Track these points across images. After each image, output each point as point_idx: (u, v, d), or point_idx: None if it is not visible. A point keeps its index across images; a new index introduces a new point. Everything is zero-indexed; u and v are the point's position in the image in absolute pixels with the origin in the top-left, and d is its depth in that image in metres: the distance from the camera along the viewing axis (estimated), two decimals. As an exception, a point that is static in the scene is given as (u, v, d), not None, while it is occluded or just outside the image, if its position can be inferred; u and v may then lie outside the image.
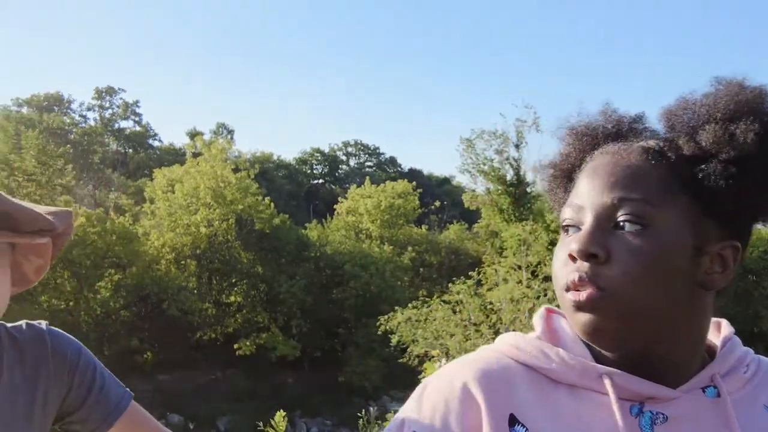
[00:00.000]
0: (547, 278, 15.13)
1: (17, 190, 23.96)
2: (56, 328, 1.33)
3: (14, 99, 61.35)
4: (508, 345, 0.89)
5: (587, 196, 0.84)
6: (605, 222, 0.82)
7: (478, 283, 15.17)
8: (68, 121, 60.63)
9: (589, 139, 0.91)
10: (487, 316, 13.62)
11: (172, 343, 25.70)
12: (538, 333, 0.91)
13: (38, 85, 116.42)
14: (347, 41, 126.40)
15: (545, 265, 16.40)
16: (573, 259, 0.82)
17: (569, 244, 0.83)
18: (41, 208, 1.16)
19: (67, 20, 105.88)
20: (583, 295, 0.80)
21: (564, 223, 0.87)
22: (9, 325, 1.26)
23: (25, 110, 59.61)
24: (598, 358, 0.85)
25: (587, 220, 0.83)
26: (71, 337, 1.35)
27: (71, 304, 24.37)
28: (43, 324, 1.32)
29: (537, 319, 0.94)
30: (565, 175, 0.94)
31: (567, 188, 0.93)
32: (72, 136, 54.74)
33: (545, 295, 14.00)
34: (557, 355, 0.85)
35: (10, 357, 1.22)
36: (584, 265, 0.81)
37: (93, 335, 23.73)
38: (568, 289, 0.82)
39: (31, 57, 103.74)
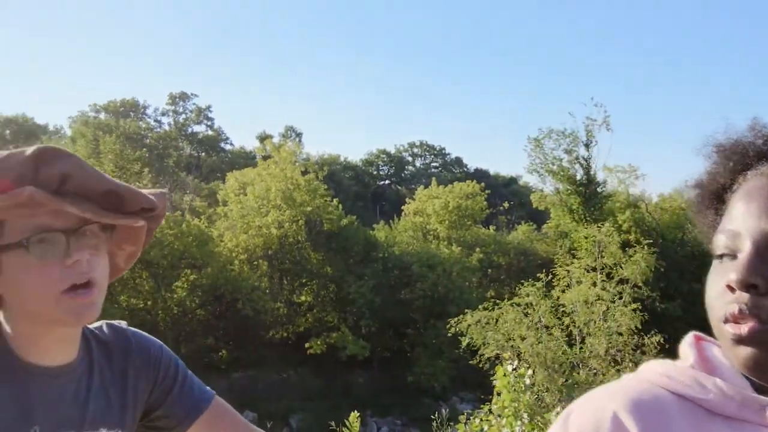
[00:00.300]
0: (623, 281, 14.83)
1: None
2: (135, 329, 1.37)
3: (92, 105, 63.56)
4: (657, 374, 0.85)
5: (743, 221, 0.80)
6: (765, 250, 0.77)
7: (549, 285, 14.97)
8: (144, 126, 62.69)
9: (738, 158, 0.86)
10: (559, 319, 13.43)
11: (245, 342, 26.27)
12: (691, 362, 0.86)
13: (115, 92, 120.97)
14: (412, 41, 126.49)
15: (620, 267, 16.05)
16: (731, 289, 0.78)
17: (726, 273, 0.79)
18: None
19: (140, 30, 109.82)
20: (744, 328, 0.77)
21: (718, 252, 0.83)
22: (91, 326, 1.28)
23: (102, 116, 61.78)
24: (759, 389, 0.80)
25: (745, 248, 0.78)
26: (151, 336, 1.38)
27: (149, 303, 25.24)
28: (123, 324, 1.35)
29: (687, 347, 0.89)
30: (714, 195, 0.90)
31: (718, 210, 0.89)
32: (147, 140, 56.60)
33: (620, 298, 13.71)
34: (715, 386, 0.80)
35: (99, 359, 1.25)
36: (744, 296, 0.77)
37: (170, 334, 24.53)
38: (726, 321, 0.79)
39: (107, 64, 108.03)
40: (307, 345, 26.37)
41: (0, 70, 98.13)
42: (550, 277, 15.09)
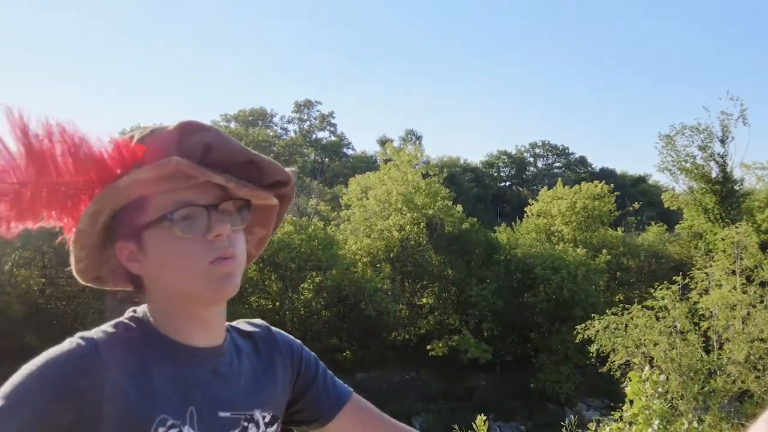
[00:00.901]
0: (764, 283, 13.84)
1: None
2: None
3: (223, 115, 67.06)
4: None
5: None
6: None
7: (684, 288, 14.25)
8: (271, 133, 65.38)
9: None
10: (695, 324, 12.75)
11: (368, 343, 26.72)
12: None
13: (244, 101, 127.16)
14: (530, 41, 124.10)
15: (762, 269, 15.00)
16: None
17: None
18: None
19: (266, 41, 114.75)
20: None
21: None
22: (231, 324, 1.28)
23: (232, 125, 64.90)
24: None
25: None
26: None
27: (277, 304, 26.25)
28: (260, 321, 1.36)
29: None
30: None
31: None
32: (275, 148, 58.97)
33: (761, 302, 12.90)
34: None
35: (246, 347, 1.26)
36: None
37: (297, 334, 25.10)
38: None
39: (238, 75, 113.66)
40: (428, 347, 26.43)
41: (137, 84, 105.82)
42: (686, 280, 14.41)
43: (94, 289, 1.19)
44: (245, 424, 1.17)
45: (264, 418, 1.21)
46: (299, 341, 1.38)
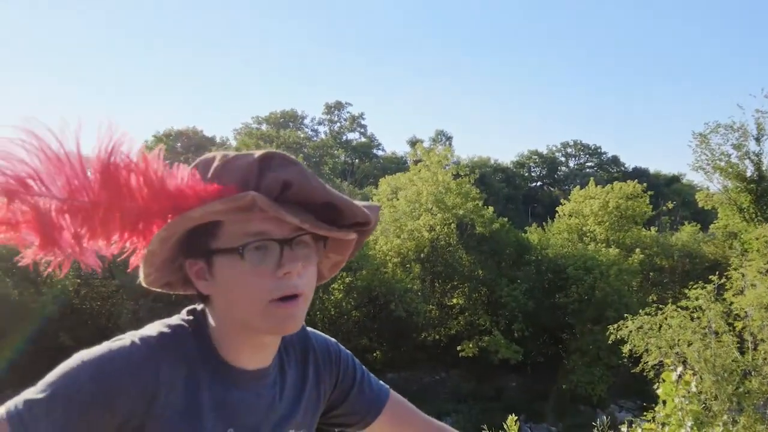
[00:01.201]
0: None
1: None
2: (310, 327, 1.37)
3: (254, 117, 67.59)
4: None
5: None
6: None
7: (719, 288, 14.04)
8: (302, 135, 65.78)
9: None
10: (730, 324, 12.56)
11: (398, 343, 26.74)
12: None
13: (276, 103, 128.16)
14: (559, 40, 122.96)
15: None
16: None
17: None
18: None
19: (296, 44, 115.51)
20: None
21: None
22: None
23: (264, 127, 65.42)
24: None
25: None
26: (326, 335, 1.38)
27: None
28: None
29: None
30: None
31: None
32: (306, 149, 59.32)
33: (798, 302, 12.69)
34: None
35: (288, 359, 1.26)
36: None
37: (328, 334, 25.47)
38: None
39: (269, 79, 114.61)
40: (459, 348, 26.36)
41: (173, 87, 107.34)
42: (721, 280, 14.22)
43: (128, 290, 1.21)
44: None
45: None
46: (335, 342, 1.39)
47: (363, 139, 69.33)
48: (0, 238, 1.03)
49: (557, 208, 36.34)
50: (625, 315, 15.77)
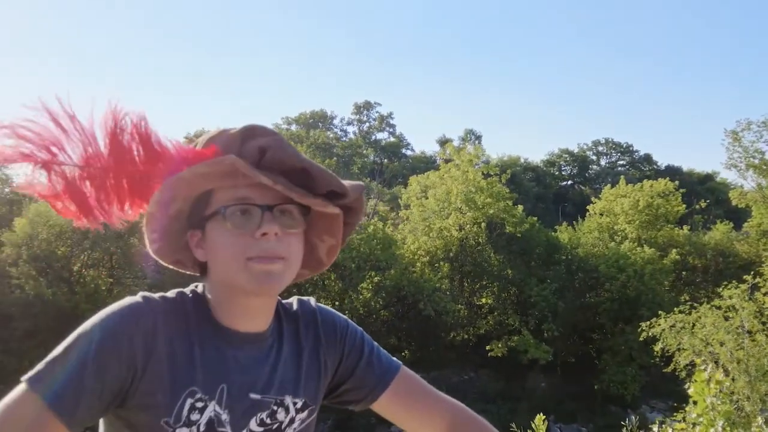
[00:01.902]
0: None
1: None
2: (322, 304, 1.42)
3: (284, 118, 68.08)
4: None
5: None
6: None
7: (753, 288, 13.80)
8: (331, 135, 66.02)
9: None
10: (764, 324, 12.34)
11: (427, 342, 26.67)
12: None
13: (305, 104, 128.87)
14: (590, 38, 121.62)
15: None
16: None
17: None
18: None
19: (326, 44, 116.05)
20: None
21: None
22: (284, 301, 1.37)
23: (293, 128, 65.82)
24: None
25: None
26: (336, 311, 1.43)
27: (337, 303, 26.47)
28: (312, 300, 1.41)
29: None
30: None
31: None
32: (335, 149, 59.52)
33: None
34: None
35: (289, 331, 1.33)
36: None
37: (357, 333, 25.57)
38: None
39: (299, 80, 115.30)
40: (488, 347, 26.19)
41: (201, 89, 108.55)
42: (756, 279, 13.99)
43: (159, 289, 1.30)
44: (275, 407, 1.25)
45: (295, 404, 1.28)
46: (344, 318, 1.43)
47: (392, 139, 69.34)
48: (59, 209, 1.15)
49: (588, 207, 35.96)
50: (659, 312, 15.58)
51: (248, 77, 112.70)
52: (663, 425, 6.86)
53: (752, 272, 14.61)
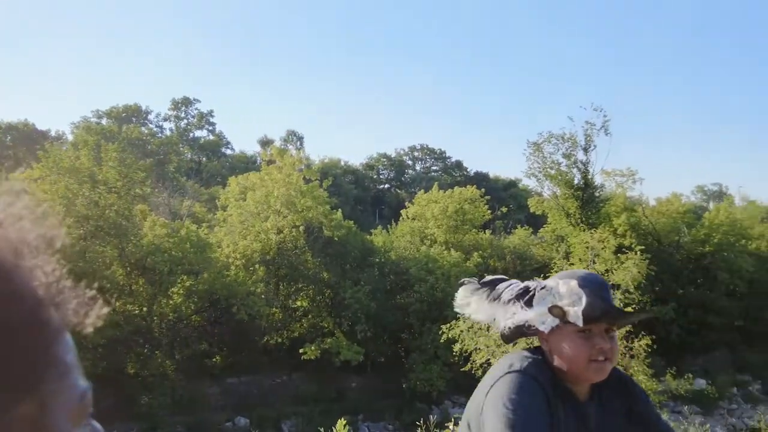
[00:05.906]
0: (614, 286, 14.77)
1: (100, 202, 24.62)
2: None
3: (94, 111, 63.80)
4: None
5: None
6: None
7: (541, 290, 14.91)
8: (146, 131, 62.80)
9: None
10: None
11: (240, 347, 26.17)
12: None
13: (117, 97, 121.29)
14: (413, 45, 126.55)
15: (612, 273, 16.02)
16: None
17: None
18: None
19: (142, 35, 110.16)
20: None
21: None
22: None
23: (104, 122, 61.87)
24: None
25: None
26: None
27: (144, 309, 25.14)
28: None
29: None
30: None
31: None
32: (149, 146, 56.67)
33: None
34: None
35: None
36: None
37: (165, 340, 24.46)
38: None
39: (110, 69, 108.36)
40: (301, 350, 26.15)
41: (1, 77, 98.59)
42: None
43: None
44: None
45: None
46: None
47: (211, 137, 67.46)
48: None
49: (402, 211, 37.29)
50: (459, 316, 16.40)
51: (49, 64, 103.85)
52: (460, 421, 7.24)
53: (542, 275, 15.74)
